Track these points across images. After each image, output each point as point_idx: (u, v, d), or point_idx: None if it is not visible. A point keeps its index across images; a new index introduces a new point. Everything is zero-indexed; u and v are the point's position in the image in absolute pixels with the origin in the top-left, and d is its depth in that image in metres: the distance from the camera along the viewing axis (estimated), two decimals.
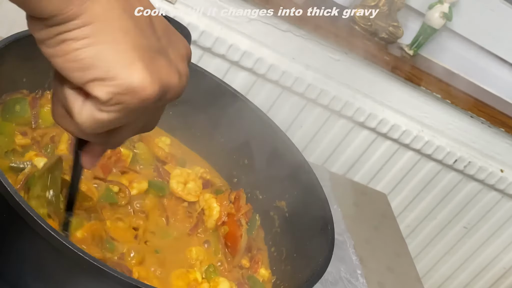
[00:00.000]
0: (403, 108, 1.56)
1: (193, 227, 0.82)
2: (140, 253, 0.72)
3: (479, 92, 1.61)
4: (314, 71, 1.46)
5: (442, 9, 1.47)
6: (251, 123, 0.92)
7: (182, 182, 0.85)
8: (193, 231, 0.82)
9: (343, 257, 1.06)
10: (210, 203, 0.83)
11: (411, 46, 1.53)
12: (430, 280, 1.89)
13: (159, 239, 0.78)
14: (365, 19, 1.45)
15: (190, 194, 0.85)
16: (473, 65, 1.62)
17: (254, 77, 1.44)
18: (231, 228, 0.82)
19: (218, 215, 0.82)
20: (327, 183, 1.22)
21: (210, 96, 0.93)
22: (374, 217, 1.29)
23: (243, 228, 0.82)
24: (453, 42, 1.59)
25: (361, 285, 1.03)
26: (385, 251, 1.20)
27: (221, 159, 0.96)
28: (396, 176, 1.67)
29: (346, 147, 1.60)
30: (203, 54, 1.39)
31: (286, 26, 1.41)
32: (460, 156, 1.62)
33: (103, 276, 0.54)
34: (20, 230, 0.58)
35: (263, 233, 0.89)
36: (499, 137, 1.64)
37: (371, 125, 1.55)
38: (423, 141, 1.59)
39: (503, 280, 1.89)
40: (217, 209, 0.83)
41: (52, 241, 0.54)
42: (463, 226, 1.79)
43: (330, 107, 1.50)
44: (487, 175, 1.66)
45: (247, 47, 1.39)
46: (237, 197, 0.86)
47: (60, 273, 0.60)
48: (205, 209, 0.84)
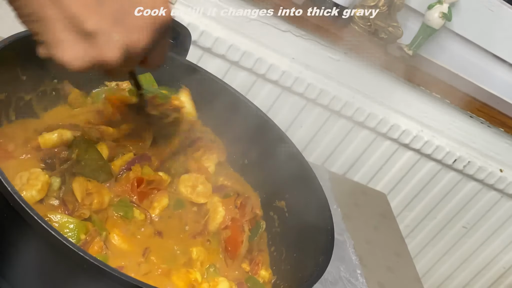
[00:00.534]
0: (402, 108, 1.56)
1: (199, 233, 0.81)
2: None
3: (479, 92, 1.61)
4: (314, 71, 1.46)
5: (442, 9, 1.47)
6: (250, 123, 0.92)
7: (190, 186, 0.84)
8: (198, 236, 0.81)
9: (343, 257, 1.06)
10: (216, 206, 0.83)
11: (411, 46, 1.53)
12: (430, 280, 1.89)
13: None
14: (365, 19, 1.46)
15: (199, 196, 0.84)
16: (473, 65, 1.62)
17: (254, 77, 1.44)
18: (233, 233, 0.82)
19: (221, 219, 0.82)
20: (327, 183, 1.22)
21: (209, 96, 0.93)
22: (374, 217, 1.29)
23: (245, 234, 0.82)
24: (452, 42, 1.59)
25: (361, 285, 1.03)
26: (384, 251, 1.20)
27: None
28: (395, 176, 1.67)
29: (346, 147, 1.61)
30: (203, 54, 1.39)
31: (286, 26, 1.41)
32: (459, 156, 1.62)
33: (103, 276, 0.55)
34: (21, 229, 0.58)
35: (266, 238, 0.89)
36: (498, 137, 1.64)
37: (370, 125, 1.55)
38: (423, 141, 1.59)
39: (503, 280, 1.89)
40: (222, 214, 0.82)
41: (53, 240, 0.54)
42: (463, 226, 1.79)
43: (330, 107, 1.50)
44: (487, 175, 1.67)
45: (247, 47, 1.39)
46: (243, 203, 0.86)
47: (61, 273, 0.60)
48: (210, 212, 0.83)
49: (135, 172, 0.77)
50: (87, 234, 0.67)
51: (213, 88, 0.93)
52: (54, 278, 0.60)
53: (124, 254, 0.71)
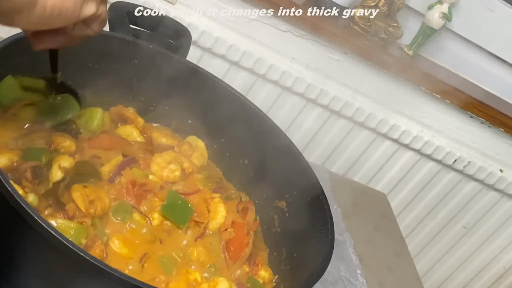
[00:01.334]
0: (402, 108, 1.56)
1: (200, 235, 0.81)
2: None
3: (479, 92, 1.61)
4: (314, 71, 1.46)
5: (442, 9, 1.47)
6: (250, 123, 0.92)
7: (163, 167, 0.83)
8: (199, 238, 0.81)
9: (343, 257, 1.06)
10: (217, 206, 0.83)
11: (411, 46, 1.53)
12: (430, 280, 1.89)
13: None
14: (365, 19, 1.46)
15: (169, 175, 0.83)
16: (473, 65, 1.62)
17: (254, 77, 1.44)
18: (238, 234, 0.81)
19: (222, 220, 0.82)
20: (327, 183, 1.22)
21: (209, 96, 0.93)
22: (374, 217, 1.29)
23: (251, 237, 0.82)
24: (452, 42, 1.59)
25: (361, 284, 1.03)
26: (385, 251, 1.20)
27: (221, 159, 0.96)
28: (395, 176, 1.67)
29: (346, 147, 1.61)
30: (203, 54, 1.39)
31: (286, 26, 1.41)
32: (459, 156, 1.62)
33: (103, 276, 0.55)
34: (21, 230, 0.58)
35: (266, 238, 0.89)
36: (498, 137, 1.64)
37: (370, 125, 1.55)
38: (423, 141, 1.59)
39: (503, 280, 1.89)
40: (223, 214, 0.82)
41: (53, 240, 0.54)
42: (463, 226, 1.79)
43: (330, 107, 1.50)
44: (487, 175, 1.67)
45: (247, 47, 1.39)
46: (245, 208, 0.86)
47: (61, 273, 0.60)
48: (210, 211, 0.83)
49: (126, 176, 0.77)
50: (87, 239, 0.67)
51: (213, 89, 0.93)
52: (54, 279, 0.60)
53: (124, 259, 0.70)
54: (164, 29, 0.93)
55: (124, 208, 0.75)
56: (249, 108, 0.93)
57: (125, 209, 0.75)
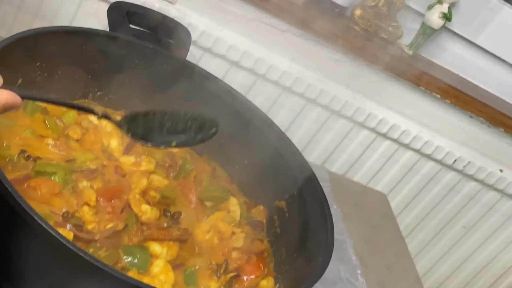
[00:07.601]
0: (402, 108, 1.56)
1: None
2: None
3: (479, 92, 1.61)
4: (314, 71, 1.46)
5: (442, 9, 1.47)
6: (250, 123, 0.92)
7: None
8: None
9: (343, 257, 1.06)
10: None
11: (411, 46, 1.53)
12: (430, 280, 1.89)
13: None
14: (365, 19, 1.46)
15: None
16: (473, 65, 1.62)
17: (254, 77, 1.44)
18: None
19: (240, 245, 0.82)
20: (327, 183, 1.22)
21: (209, 96, 0.93)
22: (373, 217, 1.29)
23: None
24: (452, 42, 1.59)
25: (360, 285, 1.03)
26: (384, 250, 1.20)
27: (222, 160, 0.96)
28: (395, 176, 1.67)
29: (345, 147, 1.61)
30: (203, 54, 1.39)
31: (285, 26, 1.41)
32: (459, 156, 1.62)
33: (103, 276, 0.55)
34: (21, 230, 0.58)
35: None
36: (498, 137, 1.64)
37: (370, 125, 1.55)
38: (423, 141, 1.59)
39: (503, 280, 1.89)
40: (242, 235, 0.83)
41: (53, 241, 0.54)
42: (463, 226, 1.79)
43: (330, 107, 1.50)
44: (487, 175, 1.67)
45: (247, 47, 1.39)
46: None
47: (61, 273, 0.60)
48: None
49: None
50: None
51: (213, 89, 0.93)
52: (54, 279, 0.61)
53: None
54: (164, 29, 0.93)
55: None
56: (249, 108, 0.93)
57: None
